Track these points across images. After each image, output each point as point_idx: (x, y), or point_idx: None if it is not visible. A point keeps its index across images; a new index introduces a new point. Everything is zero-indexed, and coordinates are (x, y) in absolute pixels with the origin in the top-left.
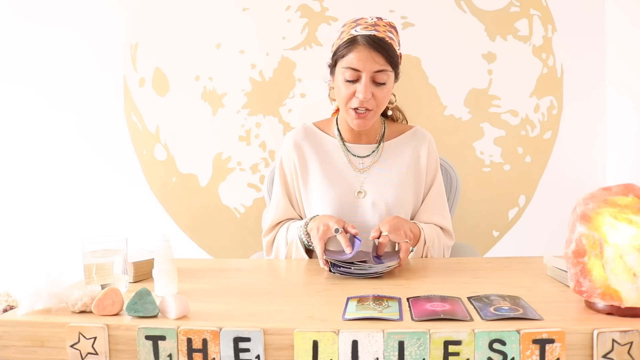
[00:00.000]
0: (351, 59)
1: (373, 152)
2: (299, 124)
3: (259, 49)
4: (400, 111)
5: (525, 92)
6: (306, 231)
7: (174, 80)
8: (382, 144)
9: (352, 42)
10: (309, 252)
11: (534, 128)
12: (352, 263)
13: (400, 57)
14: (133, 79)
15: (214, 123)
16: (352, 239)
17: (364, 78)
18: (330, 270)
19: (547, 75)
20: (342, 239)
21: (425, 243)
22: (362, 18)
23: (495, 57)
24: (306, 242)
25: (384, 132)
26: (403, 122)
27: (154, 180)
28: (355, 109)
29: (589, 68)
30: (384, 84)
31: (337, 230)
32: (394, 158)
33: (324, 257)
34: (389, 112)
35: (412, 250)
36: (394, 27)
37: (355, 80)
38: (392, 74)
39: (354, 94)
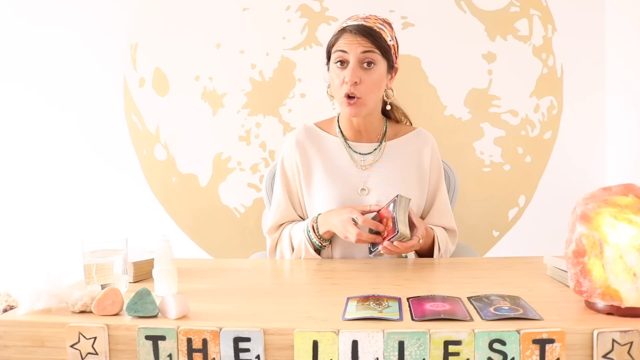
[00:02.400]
0: (339, 43)
1: (375, 149)
2: (299, 124)
3: (259, 49)
4: (403, 113)
5: (525, 92)
6: (314, 229)
7: (174, 80)
8: (384, 142)
9: (341, 31)
10: (317, 252)
11: (534, 128)
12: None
13: (394, 48)
14: (133, 79)
15: (214, 123)
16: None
17: (352, 60)
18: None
19: (547, 75)
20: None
21: (439, 251)
22: (356, 15)
23: (495, 57)
24: (317, 242)
25: (385, 131)
26: (407, 124)
27: (154, 180)
28: (347, 96)
29: (589, 68)
30: (372, 63)
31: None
32: (396, 157)
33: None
34: (388, 107)
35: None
36: (388, 23)
37: (344, 66)
38: (381, 59)
39: (344, 80)
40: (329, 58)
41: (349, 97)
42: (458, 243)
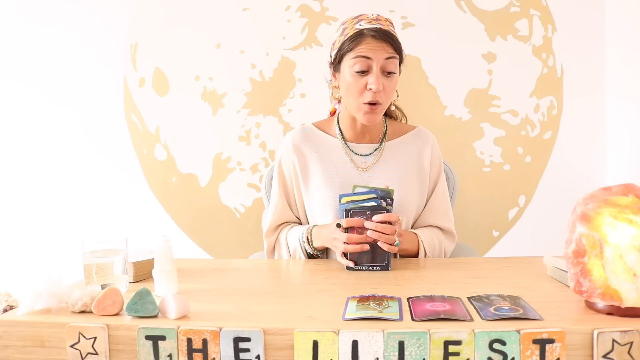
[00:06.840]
0: (361, 49)
1: (375, 150)
2: (299, 124)
3: (259, 49)
4: (398, 108)
5: (525, 92)
6: (309, 241)
7: (174, 80)
8: (384, 143)
9: (359, 35)
10: (312, 258)
11: (534, 128)
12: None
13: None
14: (133, 79)
15: (214, 123)
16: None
17: (375, 68)
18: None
19: (547, 75)
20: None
21: (425, 254)
22: (363, 14)
23: (495, 57)
24: (310, 252)
25: (386, 130)
26: (403, 121)
27: (154, 180)
28: (369, 103)
29: (589, 68)
30: (393, 73)
31: (339, 226)
32: (396, 157)
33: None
34: (392, 107)
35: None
36: (392, 24)
37: (365, 73)
38: (397, 64)
39: (365, 87)
40: (339, 61)
41: (371, 104)
42: (458, 243)
